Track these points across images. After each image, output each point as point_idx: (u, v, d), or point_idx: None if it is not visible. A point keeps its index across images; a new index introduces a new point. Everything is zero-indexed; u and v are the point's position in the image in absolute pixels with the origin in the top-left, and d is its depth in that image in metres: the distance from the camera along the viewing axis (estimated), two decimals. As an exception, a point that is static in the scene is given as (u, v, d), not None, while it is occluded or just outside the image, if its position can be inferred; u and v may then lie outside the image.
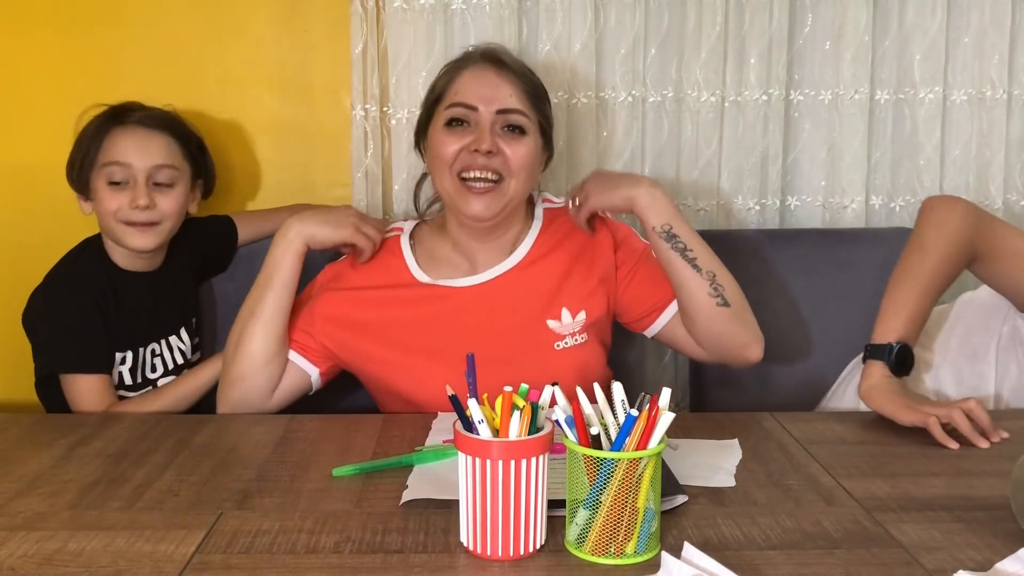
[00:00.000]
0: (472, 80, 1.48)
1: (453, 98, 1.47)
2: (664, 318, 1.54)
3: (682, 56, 2.00)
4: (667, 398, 0.97)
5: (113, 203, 1.62)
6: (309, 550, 0.98)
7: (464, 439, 0.95)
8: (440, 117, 1.48)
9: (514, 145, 1.46)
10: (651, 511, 0.95)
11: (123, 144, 1.63)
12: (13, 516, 1.06)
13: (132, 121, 1.65)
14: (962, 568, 0.93)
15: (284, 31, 2.00)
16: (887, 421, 1.39)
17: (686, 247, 1.43)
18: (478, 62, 1.50)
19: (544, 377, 1.39)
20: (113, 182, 1.62)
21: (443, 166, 1.47)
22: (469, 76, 1.48)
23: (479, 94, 1.46)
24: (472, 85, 1.47)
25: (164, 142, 1.66)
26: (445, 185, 1.48)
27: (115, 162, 1.62)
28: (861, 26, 1.96)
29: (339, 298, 1.53)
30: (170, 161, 1.66)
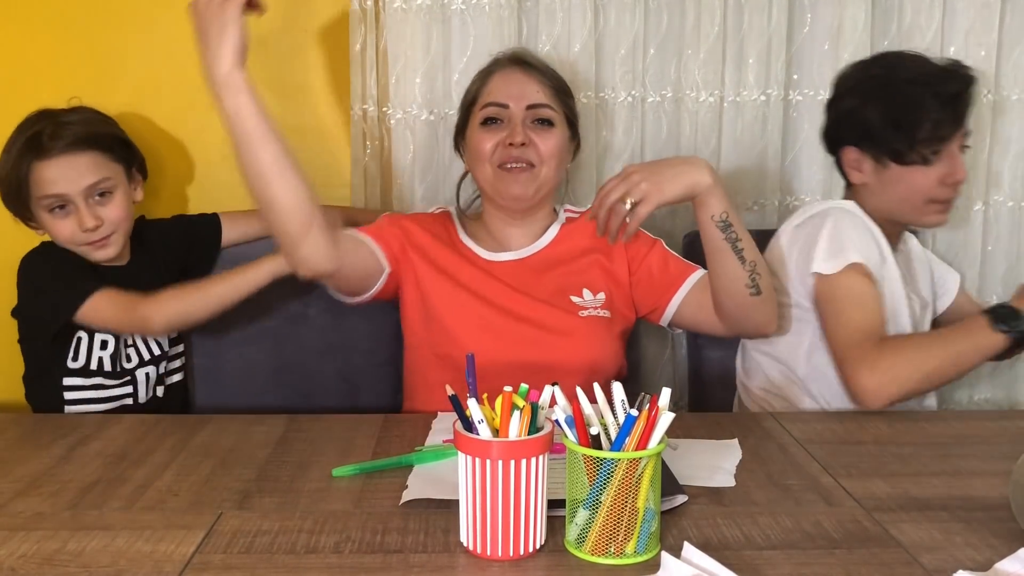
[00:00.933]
0: (502, 81, 1.61)
1: (486, 99, 1.61)
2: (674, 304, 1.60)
3: (681, 56, 2.00)
4: (667, 398, 0.97)
5: (64, 231, 1.63)
6: (309, 550, 0.98)
7: (464, 439, 0.95)
8: (476, 118, 1.62)
9: (544, 136, 1.59)
10: (651, 511, 0.95)
11: (50, 176, 1.61)
12: (13, 516, 1.06)
13: (56, 152, 1.61)
14: (962, 568, 0.93)
15: (284, 31, 2.00)
16: (887, 421, 1.40)
17: (737, 237, 1.44)
18: (506, 65, 1.64)
19: (570, 340, 1.53)
20: (55, 208, 1.62)
21: (482, 160, 1.60)
22: (499, 78, 1.62)
23: (509, 93, 1.60)
24: (502, 85, 1.61)
25: (89, 159, 1.63)
26: (486, 175, 1.61)
27: (50, 195, 1.61)
28: (860, 26, 1.96)
29: (404, 220, 1.66)
30: (102, 175, 1.64)
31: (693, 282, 1.59)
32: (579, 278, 1.61)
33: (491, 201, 1.65)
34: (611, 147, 2.02)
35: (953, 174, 1.57)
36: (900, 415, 1.46)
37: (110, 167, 1.67)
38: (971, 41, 1.99)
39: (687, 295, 1.58)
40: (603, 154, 2.02)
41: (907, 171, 1.59)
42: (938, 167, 1.58)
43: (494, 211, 1.66)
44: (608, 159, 2.02)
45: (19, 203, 1.65)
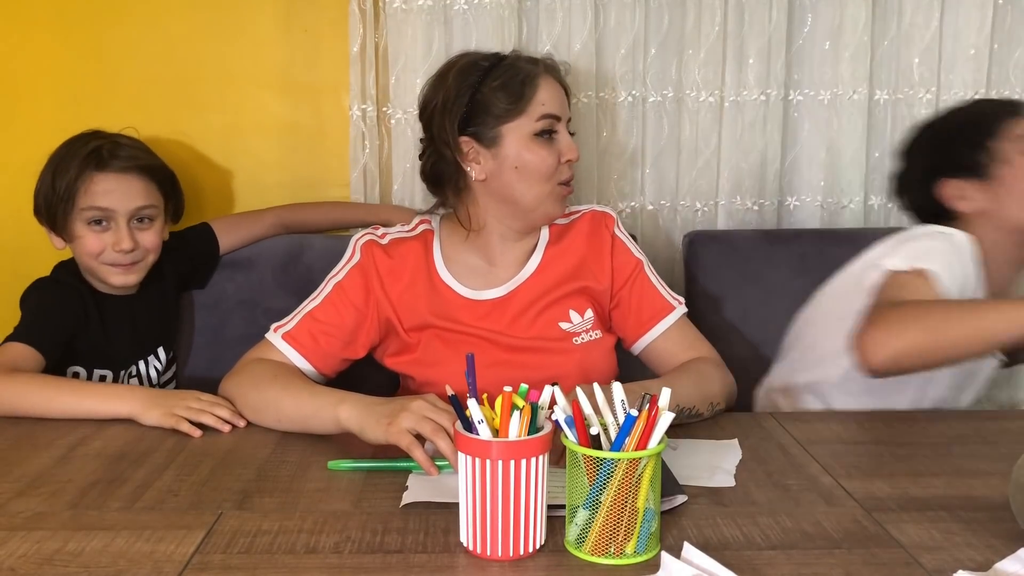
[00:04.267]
0: (551, 90, 1.48)
1: (541, 109, 1.46)
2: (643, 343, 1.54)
3: (682, 56, 2.00)
4: (667, 398, 0.97)
5: (95, 245, 1.64)
6: (309, 550, 0.98)
7: (464, 439, 0.95)
8: (525, 127, 1.45)
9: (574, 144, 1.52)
10: (651, 511, 0.95)
11: (104, 190, 1.63)
12: (13, 516, 1.06)
13: (114, 169, 1.65)
14: (962, 568, 0.93)
15: (284, 31, 2.00)
16: (887, 421, 1.39)
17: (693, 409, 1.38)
18: (548, 72, 1.50)
19: (572, 371, 1.45)
20: (93, 222, 1.64)
21: (542, 177, 1.46)
22: (547, 86, 1.47)
23: (560, 105, 1.49)
24: (553, 95, 1.48)
25: (143, 185, 1.68)
26: (538, 193, 1.47)
27: (97, 207, 1.63)
28: (860, 26, 1.96)
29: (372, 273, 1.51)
30: (150, 201, 1.68)
31: (667, 326, 1.52)
32: (565, 302, 1.53)
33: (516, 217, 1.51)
34: (611, 147, 2.02)
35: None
36: (900, 415, 1.46)
37: (157, 197, 1.71)
38: (970, 41, 1.99)
39: (656, 339, 1.52)
40: (603, 154, 2.02)
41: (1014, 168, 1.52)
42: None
43: (503, 229, 1.53)
44: (608, 159, 2.03)
45: (59, 210, 1.65)
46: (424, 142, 1.54)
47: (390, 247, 1.53)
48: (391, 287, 1.50)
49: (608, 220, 1.57)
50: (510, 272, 1.54)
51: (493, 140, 1.46)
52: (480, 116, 1.45)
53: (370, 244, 1.53)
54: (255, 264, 1.88)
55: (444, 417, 1.17)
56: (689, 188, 2.05)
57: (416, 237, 1.56)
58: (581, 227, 1.56)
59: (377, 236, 1.54)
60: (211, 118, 2.02)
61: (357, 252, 1.52)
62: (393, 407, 1.21)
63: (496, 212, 1.51)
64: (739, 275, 1.91)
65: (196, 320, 1.88)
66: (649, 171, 2.05)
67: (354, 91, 1.95)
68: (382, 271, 1.51)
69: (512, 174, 1.46)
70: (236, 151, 2.03)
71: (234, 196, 2.04)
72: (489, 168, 1.47)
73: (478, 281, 1.53)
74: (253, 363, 1.44)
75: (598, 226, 1.56)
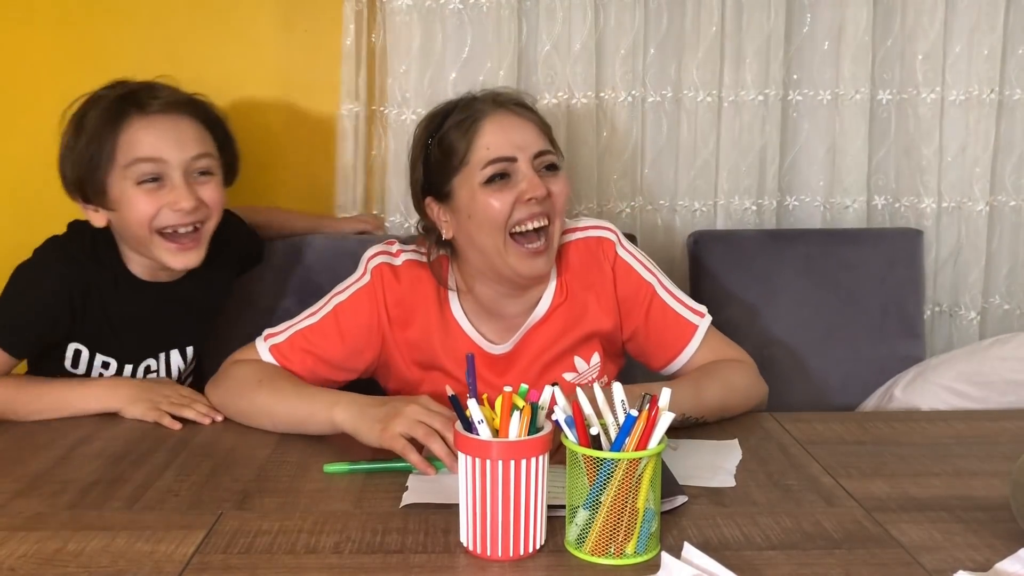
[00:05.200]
0: (498, 131, 1.36)
1: (486, 154, 1.35)
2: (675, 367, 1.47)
3: (681, 56, 2.00)
4: (667, 398, 0.97)
5: (149, 207, 1.37)
6: (309, 550, 0.98)
7: (464, 439, 0.95)
8: (473, 176, 1.36)
9: (555, 183, 1.39)
10: (651, 511, 0.95)
11: (150, 137, 1.38)
12: (13, 516, 1.06)
13: (155, 109, 1.39)
14: (962, 568, 0.93)
15: (284, 31, 2.00)
16: (887, 422, 1.39)
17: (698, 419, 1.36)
18: (498, 109, 1.39)
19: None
20: (143, 182, 1.38)
21: (494, 227, 1.36)
22: (493, 128, 1.37)
23: (512, 143, 1.36)
24: (500, 137, 1.36)
25: (193, 127, 1.42)
26: (495, 245, 1.37)
27: (144, 159, 1.36)
28: (861, 26, 1.96)
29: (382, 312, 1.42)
30: (206, 148, 1.42)
31: (695, 348, 1.45)
32: (571, 351, 1.45)
33: (493, 272, 1.41)
34: (611, 147, 2.02)
35: None
36: (900, 415, 1.46)
37: (212, 146, 1.46)
38: (973, 41, 1.99)
39: (687, 364, 1.45)
40: (603, 154, 2.02)
41: None
42: None
43: (493, 282, 1.43)
44: (608, 159, 2.02)
45: (93, 172, 1.38)
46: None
47: (403, 271, 1.43)
48: (398, 319, 1.41)
49: (606, 246, 1.47)
50: (516, 323, 1.45)
51: (447, 195, 1.39)
52: (431, 175, 1.40)
53: (382, 268, 1.42)
54: (255, 264, 1.88)
55: (438, 420, 1.16)
56: (688, 188, 2.05)
57: (432, 264, 1.44)
58: (579, 265, 1.46)
59: (391, 254, 1.44)
60: (211, 118, 2.01)
61: (368, 273, 1.42)
62: (387, 410, 1.20)
63: (480, 268, 1.42)
64: (744, 275, 1.91)
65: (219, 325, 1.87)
66: (648, 171, 2.05)
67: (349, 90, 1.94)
68: (391, 301, 1.41)
69: (468, 225, 1.37)
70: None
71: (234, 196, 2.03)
72: (452, 224, 1.40)
73: (488, 327, 1.45)
74: (236, 367, 1.40)
75: (596, 259, 1.46)
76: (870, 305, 1.91)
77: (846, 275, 1.91)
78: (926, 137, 2.01)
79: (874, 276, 1.91)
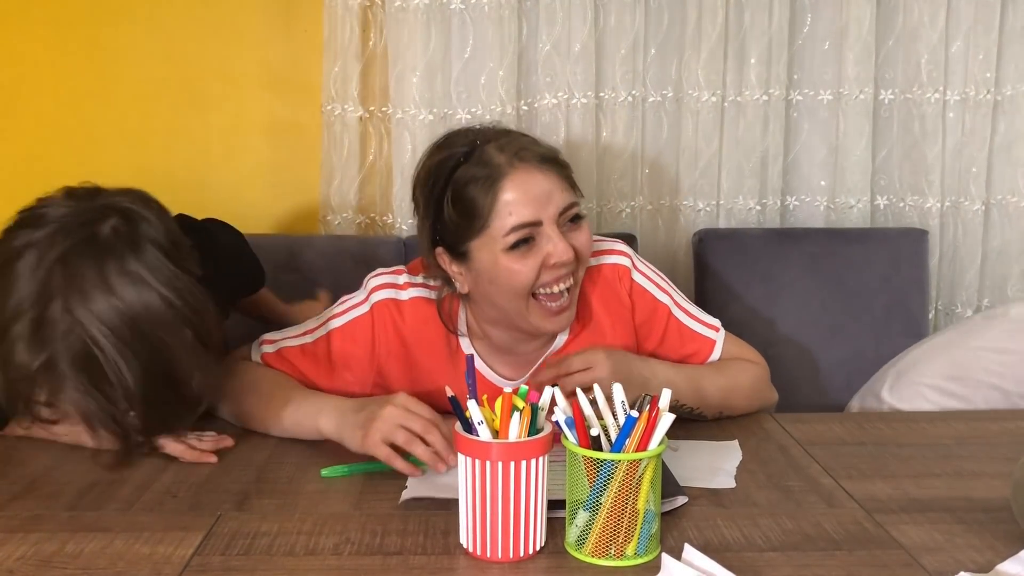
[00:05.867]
0: (521, 193, 1.23)
1: (509, 221, 1.23)
2: None
3: (682, 56, 2.00)
4: (667, 399, 0.97)
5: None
6: (308, 552, 0.97)
7: (464, 440, 0.95)
8: (495, 243, 1.24)
9: (579, 235, 1.29)
10: (651, 512, 0.95)
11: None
12: (11, 518, 1.06)
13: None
14: (963, 570, 0.93)
15: (283, 32, 2.00)
16: (888, 422, 1.39)
17: (693, 409, 1.35)
18: (521, 164, 1.24)
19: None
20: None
21: (518, 292, 1.26)
22: (514, 189, 1.23)
23: (537, 205, 1.24)
24: (524, 199, 1.23)
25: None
26: (517, 307, 1.28)
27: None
28: (864, 26, 1.96)
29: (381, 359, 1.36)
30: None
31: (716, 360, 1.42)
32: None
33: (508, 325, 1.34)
34: (611, 147, 2.02)
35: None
36: (900, 416, 1.46)
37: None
38: (973, 41, 1.99)
39: None
40: (603, 154, 2.02)
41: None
42: None
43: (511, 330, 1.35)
44: (608, 159, 2.02)
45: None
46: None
47: (408, 308, 1.35)
48: (399, 356, 1.35)
49: (622, 272, 1.41)
50: (532, 358, 1.39)
51: (464, 255, 1.28)
52: (444, 232, 1.28)
53: (386, 305, 1.35)
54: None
55: (416, 422, 1.14)
56: (691, 188, 2.05)
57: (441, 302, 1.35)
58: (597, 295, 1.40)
59: (397, 287, 1.36)
60: (211, 118, 2.02)
61: (369, 306, 1.35)
62: (365, 415, 1.17)
63: (496, 318, 1.34)
64: (749, 274, 1.91)
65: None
66: (649, 171, 2.05)
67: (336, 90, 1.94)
68: (393, 339, 1.35)
69: (489, 287, 1.28)
70: (235, 151, 2.03)
71: (234, 196, 2.04)
72: (469, 280, 1.30)
73: (502, 364, 1.39)
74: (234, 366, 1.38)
75: (613, 287, 1.40)
76: (875, 305, 1.92)
77: (851, 275, 1.91)
78: (929, 136, 2.01)
79: (879, 276, 1.92)
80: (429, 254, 1.32)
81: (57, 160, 1.98)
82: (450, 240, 1.28)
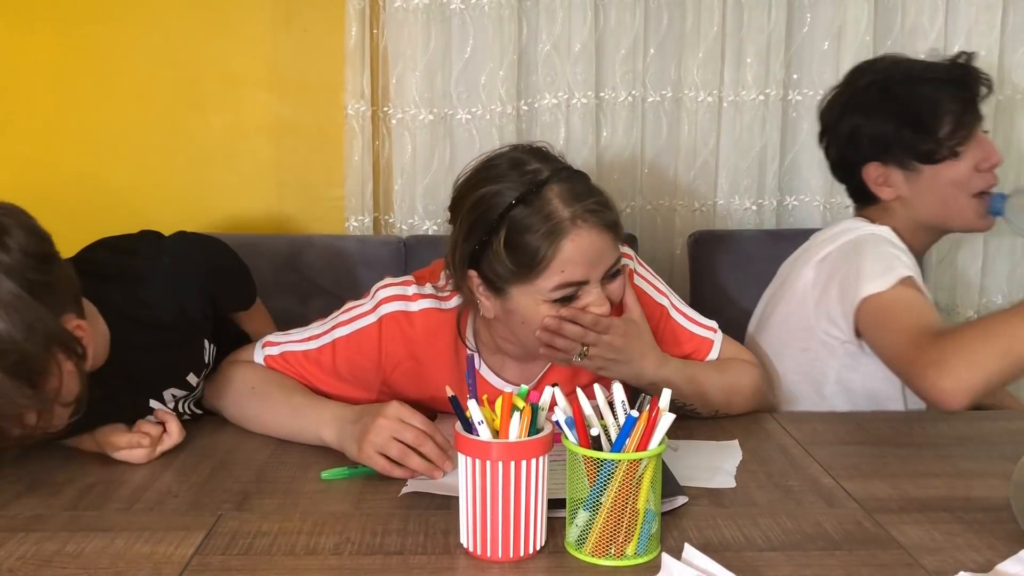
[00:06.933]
0: (578, 253, 1.20)
1: (560, 277, 1.21)
2: None
3: (681, 56, 2.00)
4: (667, 399, 0.97)
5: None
6: (308, 551, 0.97)
7: (464, 440, 0.95)
8: (539, 291, 1.22)
9: (615, 288, 1.28)
10: (651, 512, 0.95)
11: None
12: (12, 517, 1.06)
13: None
14: (963, 569, 0.93)
15: (283, 31, 2.00)
16: (888, 422, 1.39)
17: (685, 405, 1.36)
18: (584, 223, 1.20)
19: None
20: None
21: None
22: (573, 248, 1.20)
23: (589, 266, 1.22)
24: (579, 259, 1.20)
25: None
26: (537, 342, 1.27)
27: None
28: (862, 26, 1.96)
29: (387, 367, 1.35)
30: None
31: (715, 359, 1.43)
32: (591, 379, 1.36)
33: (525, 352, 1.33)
34: (611, 147, 2.02)
35: (988, 158, 1.51)
36: (900, 416, 1.46)
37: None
38: (973, 41, 2.00)
39: None
40: (603, 154, 2.02)
41: (940, 168, 1.51)
42: (969, 156, 1.51)
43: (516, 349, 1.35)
44: (608, 159, 2.02)
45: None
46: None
47: (419, 319, 1.33)
48: (407, 370, 1.34)
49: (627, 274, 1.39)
50: (539, 366, 1.39)
51: (500, 291, 1.24)
52: (490, 264, 1.23)
53: (396, 318, 1.33)
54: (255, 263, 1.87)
55: (409, 433, 1.14)
56: (688, 188, 2.05)
57: (450, 312, 1.35)
58: None
59: (407, 298, 1.34)
60: (211, 119, 2.02)
61: (377, 317, 1.33)
62: (360, 427, 1.17)
63: (509, 343, 1.33)
64: (744, 275, 1.91)
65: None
66: (648, 171, 2.05)
67: (349, 90, 1.94)
68: (401, 352, 1.33)
69: (521, 328, 1.26)
70: (236, 151, 2.03)
71: (234, 196, 2.04)
72: (497, 311, 1.27)
73: (510, 372, 1.38)
74: (231, 369, 1.37)
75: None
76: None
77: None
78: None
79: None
80: (459, 273, 1.27)
81: (57, 160, 1.98)
82: (490, 274, 1.24)
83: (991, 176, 1.52)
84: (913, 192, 1.54)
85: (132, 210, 1.98)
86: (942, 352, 1.27)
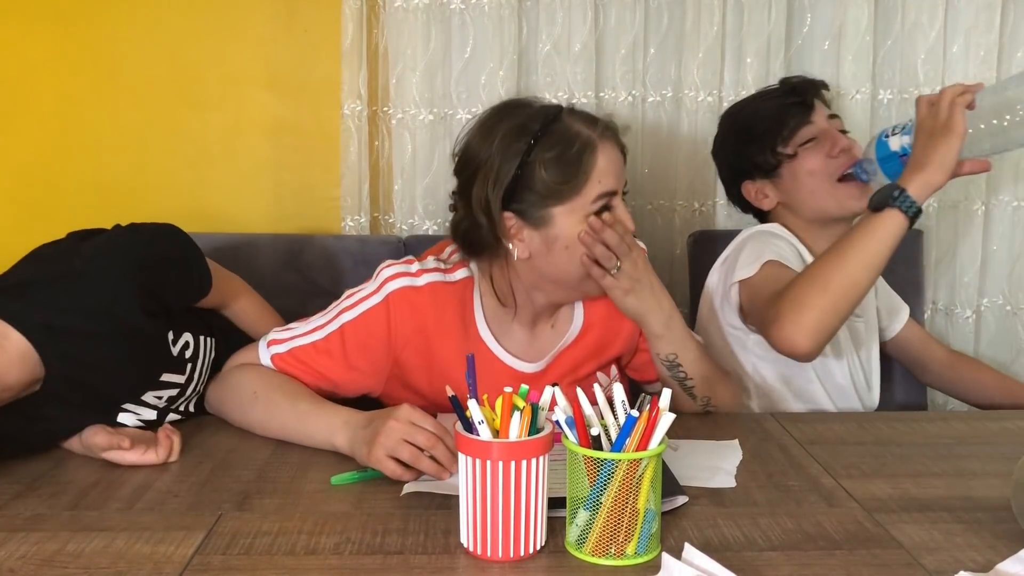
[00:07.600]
0: (608, 164, 1.30)
1: (598, 188, 1.29)
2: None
3: (681, 56, 2.00)
4: (667, 399, 0.97)
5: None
6: (309, 551, 0.97)
7: (464, 440, 0.95)
8: (582, 208, 1.29)
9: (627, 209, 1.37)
10: (651, 512, 0.95)
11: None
12: (13, 517, 1.06)
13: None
14: (963, 569, 0.93)
15: (283, 31, 2.00)
16: (888, 422, 1.39)
17: (687, 376, 1.39)
18: (605, 138, 1.31)
19: None
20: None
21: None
22: (604, 160, 1.29)
23: (617, 177, 1.32)
24: (610, 169, 1.30)
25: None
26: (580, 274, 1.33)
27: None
28: (862, 26, 1.96)
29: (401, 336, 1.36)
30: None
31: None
32: (594, 367, 1.46)
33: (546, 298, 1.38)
34: (611, 147, 2.02)
35: (835, 144, 1.61)
36: (900, 416, 1.46)
37: None
38: (973, 41, 2.00)
39: None
40: (603, 154, 2.02)
41: (794, 166, 1.64)
42: (816, 148, 1.63)
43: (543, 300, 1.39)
44: (608, 159, 2.02)
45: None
46: (456, 199, 1.36)
47: (426, 293, 1.35)
48: (417, 346, 1.36)
49: None
50: (548, 344, 1.43)
51: (541, 220, 1.29)
52: (526, 193, 1.28)
53: (404, 294, 1.34)
54: (255, 263, 1.88)
55: (420, 436, 1.14)
56: (687, 188, 2.05)
57: (455, 284, 1.38)
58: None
59: (411, 275, 1.35)
60: (210, 119, 2.02)
61: (383, 296, 1.34)
62: (370, 432, 1.17)
63: (539, 286, 1.36)
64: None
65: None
66: (648, 171, 2.05)
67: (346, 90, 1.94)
68: (410, 328, 1.34)
69: (563, 254, 1.31)
70: (236, 151, 2.03)
71: (233, 195, 2.04)
72: (535, 247, 1.31)
73: (518, 347, 1.41)
74: (235, 373, 1.37)
75: None
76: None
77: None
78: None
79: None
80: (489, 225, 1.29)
81: (57, 160, 1.98)
82: (528, 206, 1.29)
83: (845, 158, 1.61)
84: (785, 195, 1.67)
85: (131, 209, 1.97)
86: (778, 307, 1.37)
